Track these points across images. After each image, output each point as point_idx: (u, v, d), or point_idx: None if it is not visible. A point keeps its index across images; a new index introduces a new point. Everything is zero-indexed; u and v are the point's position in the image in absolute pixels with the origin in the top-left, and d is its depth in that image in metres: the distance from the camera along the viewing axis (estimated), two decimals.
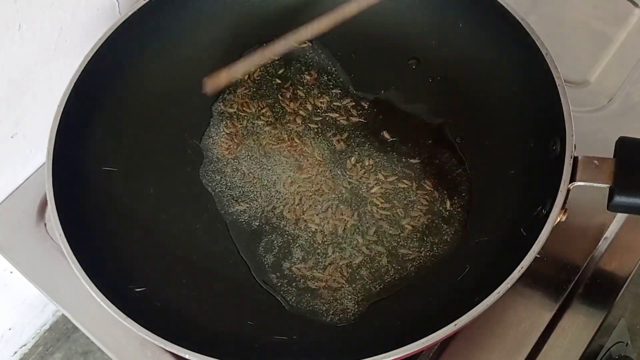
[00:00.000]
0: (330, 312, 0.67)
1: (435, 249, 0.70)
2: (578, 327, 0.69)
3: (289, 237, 0.72)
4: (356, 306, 0.67)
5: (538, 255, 0.59)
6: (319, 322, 0.67)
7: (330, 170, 0.76)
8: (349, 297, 0.68)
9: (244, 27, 0.84)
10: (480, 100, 0.78)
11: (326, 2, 0.83)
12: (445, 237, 0.71)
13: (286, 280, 0.69)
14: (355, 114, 0.79)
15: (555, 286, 0.71)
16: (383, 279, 0.69)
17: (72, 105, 0.70)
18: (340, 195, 0.74)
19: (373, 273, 0.69)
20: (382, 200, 0.73)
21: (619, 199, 0.59)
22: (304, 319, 0.67)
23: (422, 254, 0.70)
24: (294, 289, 0.69)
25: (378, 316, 0.67)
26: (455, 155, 0.75)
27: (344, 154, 0.77)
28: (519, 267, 0.58)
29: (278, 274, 0.70)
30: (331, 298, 0.68)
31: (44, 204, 0.81)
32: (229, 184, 0.76)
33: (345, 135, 0.78)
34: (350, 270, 0.69)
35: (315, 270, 0.69)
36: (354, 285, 0.68)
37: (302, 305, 0.68)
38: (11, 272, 0.90)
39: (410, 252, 0.70)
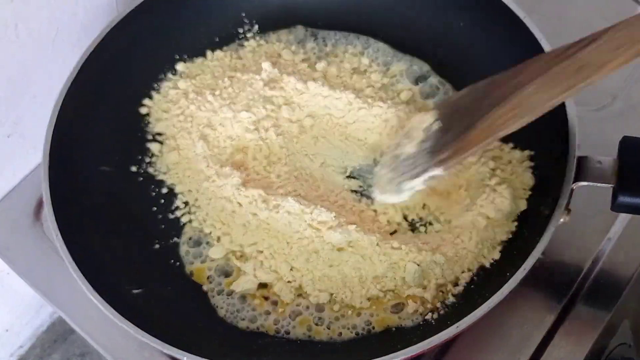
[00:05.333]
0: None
1: None
2: (581, 328, 0.69)
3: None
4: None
5: (541, 256, 0.58)
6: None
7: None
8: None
9: (242, 24, 0.83)
10: None
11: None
12: None
13: None
14: None
15: (559, 287, 0.70)
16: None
17: (68, 104, 0.70)
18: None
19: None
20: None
21: (622, 199, 0.59)
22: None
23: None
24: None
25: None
26: None
27: None
28: (522, 268, 0.58)
29: None
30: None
31: (40, 205, 0.80)
32: None
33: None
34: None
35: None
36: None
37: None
38: (7, 273, 0.89)
39: None
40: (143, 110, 0.78)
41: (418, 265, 0.65)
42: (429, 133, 0.61)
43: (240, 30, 0.83)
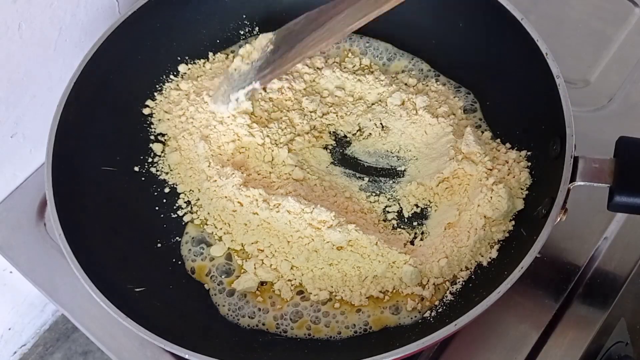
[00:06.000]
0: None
1: None
2: (578, 326, 0.69)
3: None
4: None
5: (538, 255, 0.59)
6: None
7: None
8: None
9: (244, 25, 0.84)
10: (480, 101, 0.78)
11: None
12: None
13: None
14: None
15: (555, 286, 0.71)
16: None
17: (71, 105, 0.70)
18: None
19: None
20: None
21: (619, 198, 0.59)
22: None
23: None
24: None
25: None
26: None
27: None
28: (519, 267, 0.58)
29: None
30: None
31: (43, 204, 0.81)
32: None
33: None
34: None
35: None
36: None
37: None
38: (11, 272, 0.90)
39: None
40: (146, 111, 0.79)
41: (414, 267, 0.65)
42: (263, 54, 0.71)
43: (242, 32, 0.84)
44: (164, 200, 0.74)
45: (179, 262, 0.71)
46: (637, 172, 0.59)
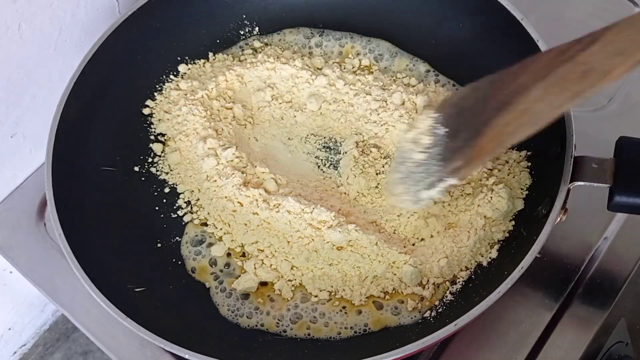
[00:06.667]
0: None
1: None
2: (578, 326, 0.69)
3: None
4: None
5: (538, 255, 0.59)
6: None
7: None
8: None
9: (244, 25, 0.84)
10: None
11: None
12: None
13: None
14: None
15: (555, 286, 0.71)
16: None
17: (71, 105, 0.71)
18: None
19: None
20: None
21: (619, 198, 0.59)
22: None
23: None
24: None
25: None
26: None
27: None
28: (519, 267, 0.58)
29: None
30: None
31: (43, 204, 0.81)
32: None
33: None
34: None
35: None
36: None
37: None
38: (11, 272, 0.90)
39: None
40: (146, 111, 0.79)
41: (414, 267, 0.65)
42: (436, 138, 0.59)
43: (242, 32, 0.84)
44: (164, 200, 0.74)
45: (179, 262, 0.71)
46: (637, 172, 0.59)
